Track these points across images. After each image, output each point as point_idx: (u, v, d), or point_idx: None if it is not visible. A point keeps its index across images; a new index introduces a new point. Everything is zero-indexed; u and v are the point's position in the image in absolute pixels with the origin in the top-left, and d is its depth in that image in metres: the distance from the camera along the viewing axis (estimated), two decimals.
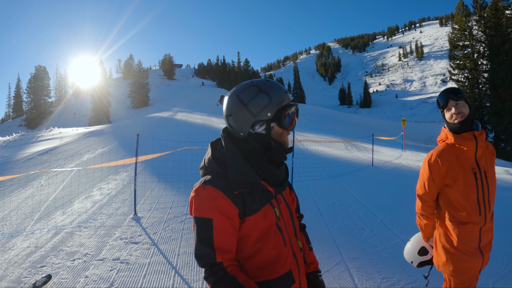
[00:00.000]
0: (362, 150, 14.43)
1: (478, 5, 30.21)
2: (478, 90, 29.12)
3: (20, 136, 20.17)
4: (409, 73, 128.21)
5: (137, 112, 61.98)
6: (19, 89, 75.19)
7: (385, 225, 4.97)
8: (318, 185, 7.77)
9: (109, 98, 62.53)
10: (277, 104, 1.30)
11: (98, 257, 4.10)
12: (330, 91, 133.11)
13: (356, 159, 12.09)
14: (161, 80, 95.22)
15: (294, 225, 1.43)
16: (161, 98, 74.73)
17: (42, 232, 5.18)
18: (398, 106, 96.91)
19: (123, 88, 76.88)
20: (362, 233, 4.69)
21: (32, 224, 5.69)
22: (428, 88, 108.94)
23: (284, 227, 1.35)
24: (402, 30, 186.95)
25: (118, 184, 8.23)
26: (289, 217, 1.40)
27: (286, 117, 1.32)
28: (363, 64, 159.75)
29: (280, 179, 1.36)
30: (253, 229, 1.26)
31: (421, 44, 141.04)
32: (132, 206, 6.12)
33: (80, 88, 78.86)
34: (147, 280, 3.51)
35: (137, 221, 5.54)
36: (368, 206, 5.96)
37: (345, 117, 43.34)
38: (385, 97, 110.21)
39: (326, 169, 9.67)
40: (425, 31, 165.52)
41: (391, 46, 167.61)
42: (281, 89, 1.33)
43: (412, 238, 2.44)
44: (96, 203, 6.68)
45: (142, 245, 4.50)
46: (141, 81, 72.80)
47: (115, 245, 4.52)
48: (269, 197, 1.32)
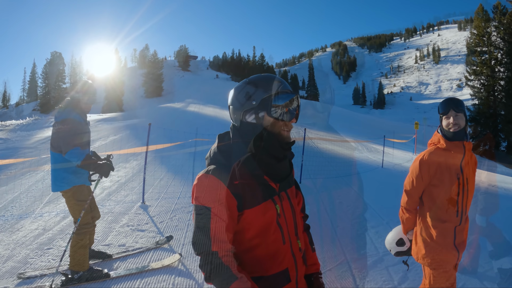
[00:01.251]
0: (372, 151, 14.33)
1: (498, 11, 29.68)
2: (493, 97, 28.61)
3: (33, 120, 20.52)
4: (424, 76, 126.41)
5: (150, 102, 62.43)
6: (34, 74, 76.02)
7: (390, 228, 4.88)
8: (326, 183, 7.77)
9: (122, 87, 63.02)
10: (263, 92, 1.31)
11: (104, 242, 4.19)
12: (344, 90, 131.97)
13: (366, 160, 12.02)
14: (176, 71, 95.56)
15: (296, 224, 1.41)
16: (174, 89, 75.00)
17: (50, 215, 5.29)
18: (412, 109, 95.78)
19: (137, 78, 77.39)
20: (367, 235, 4.68)
21: (41, 207, 5.81)
22: (443, 93, 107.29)
23: (285, 225, 1.34)
24: (420, 32, 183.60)
25: (127, 172, 8.34)
26: (291, 216, 1.38)
27: (275, 106, 1.30)
28: (379, 65, 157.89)
29: (281, 174, 1.35)
30: (252, 223, 1.27)
31: (438, 48, 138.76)
32: (140, 194, 6.21)
33: (94, 75, 79.70)
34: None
35: (145, 209, 5.63)
36: (374, 208, 5.92)
37: (357, 117, 43.03)
38: (399, 99, 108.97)
39: (335, 168, 9.64)
40: (443, 34, 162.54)
41: (408, 48, 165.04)
42: (271, 79, 1.34)
43: (394, 229, 2.67)
44: (105, 190, 6.79)
45: (148, 233, 4.57)
46: (156, 71, 73.01)
47: (121, 231, 4.60)
48: (272, 193, 1.31)
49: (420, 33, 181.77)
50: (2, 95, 79.51)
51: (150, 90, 71.73)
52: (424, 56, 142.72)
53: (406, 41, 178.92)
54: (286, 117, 1.32)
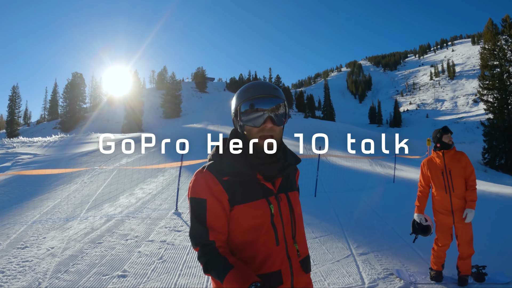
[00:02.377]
0: (385, 168, 14.73)
1: (507, 24, 29.74)
2: (507, 111, 28.49)
3: (60, 138, 21.68)
4: (440, 92, 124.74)
5: (169, 122, 63.67)
6: (56, 94, 78.31)
7: (394, 231, 5.57)
8: (339, 196, 8.38)
9: (142, 107, 64.55)
10: (237, 101, 1.41)
11: (148, 239, 4.96)
12: (360, 109, 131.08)
13: (379, 175, 12.49)
14: (193, 92, 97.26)
15: (295, 228, 1.41)
16: (192, 110, 76.37)
17: (95, 218, 6.09)
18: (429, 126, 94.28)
19: (156, 98, 79.08)
20: (372, 236, 5.33)
21: (84, 212, 6.61)
22: (460, 108, 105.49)
23: (281, 226, 1.35)
24: (434, 48, 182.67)
25: (157, 186, 9.11)
26: (289, 218, 1.39)
27: (244, 114, 1.37)
28: (394, 83, 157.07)
29: (270, 174, 1.37)
30: (241, 218, 1.32)
31: (453, 63, 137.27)
32: (173, 204, 6.97)
33: (114, 96, 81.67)
34: (190, 256, 4.33)
35: (178, 215, 6.36)
36: (382, 216, 6.54)
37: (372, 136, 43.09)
38: (415, 116, 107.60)
39: (348, 183, 10.23)
40: (457, 49, 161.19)
41: (423, 64, 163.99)
42: (245, 87, 1.42)
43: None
44: (140, 199, 7.59)
45: (184, 233, 5.31)
46: (174, 92, 74.62)
47: (161, 231, 5.36)
48: (267, 193, 1.35)
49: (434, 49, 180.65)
50: (23, 113, 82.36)
51: (169, 110, 73.14)
52: (439, 72, 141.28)
53: (420, 58, 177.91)
54: (255, 123, 1.35)
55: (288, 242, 1.36)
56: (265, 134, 1.34)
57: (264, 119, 1.33)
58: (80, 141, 20.54)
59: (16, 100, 68.42)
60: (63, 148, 17.62)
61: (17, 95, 69.02)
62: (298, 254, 1.39)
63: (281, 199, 1.38)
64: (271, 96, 1.36)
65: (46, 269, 3.92)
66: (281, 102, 1.38)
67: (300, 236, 1.44)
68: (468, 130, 76.16)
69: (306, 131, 34.22)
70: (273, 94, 1.37)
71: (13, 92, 68.99)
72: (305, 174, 9.42)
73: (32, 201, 7.62)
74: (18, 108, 68.67)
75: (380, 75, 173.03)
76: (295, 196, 1.48)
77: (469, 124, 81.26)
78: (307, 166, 9.88)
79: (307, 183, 8.57)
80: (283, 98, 1.40)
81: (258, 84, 1.40)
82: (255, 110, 1.34)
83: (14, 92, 69.07)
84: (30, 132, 64.53)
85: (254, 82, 1.41)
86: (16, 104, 68.08)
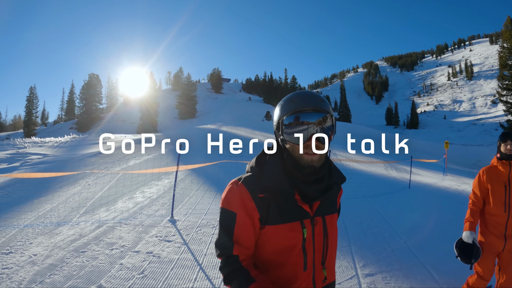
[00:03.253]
0: (401, 172, 14.13)
1: None
2: None
3: (71, 139, 21.80)
4: (458, 93, 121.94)
5: (184, 123, 64.17)
6: (72, 95, 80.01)
7: (407, 246, 4.99)
8: (350, 204, 7.81)
9: (157, 108, 65.24)
10: (280, 113, 1.30)
11: (134, 249, 4.59)
12: (377, 111, 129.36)
13: (394, 180, 11.90)
14: (209, 93, 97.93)
15: (326, 253, 1.34)
16: (208, 111, 76.80)
17: (86, 224, 5.79)
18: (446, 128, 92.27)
19: (171, 99, 79.95)
20: (382, 252, 4.75)
21: (77, 217, 6.35)
22: (478, 109, 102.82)
23: (312, 251, 1.29)
24: (451, 48, 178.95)
25: (159, 189, 8.80)
26: (322, 243, 1.32)
27: (288, 128, 1.27)
28: (411, 84, 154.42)
29: (310, 196, 1.28)
30: (272, 239, 1.26)
31: (470, 63, 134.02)
32: (170, 210, 6.60)
33: (129, 97, 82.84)
34: (174, 272, 3.90)
35: (173, 223, 5.99)
36: (395, 228, 5.95)
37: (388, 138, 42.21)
38: (432, 118, 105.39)
39: (361, 189, 9.65)
40: (475, 49, 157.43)
41: (440, 65, 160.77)
42: (289, 99, 1.30)
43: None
44: (137, 204, 7.27)
45: (174, 244, 4.91)
46: (189, 93, 75.32)
47: (150, 241, 4.98)
48: (303, 215, 1.27)
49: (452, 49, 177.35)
50: (41, 113, 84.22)
51: (184, 111, 73.82)
52: (456, 73, 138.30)
53: (437, 58, 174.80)
54: (298, 140, 1.24)
55: (317, 268, 1.30)
56: (309, 153, 1.24)
57: (309, 137, 1.23)
58: (91, 142, 20.63)
59: (34, 101, 70.07)
60: (73, 149, 17.70)
61: (34, 95, 70.69)
62: (324, 280, 1.33)
63: (317, 223, 1.30)
64: (318, 110, 1.25)
65: (22, 278, 3.71)
66: (328, 115, 1.27)
67: (330, 261, 1.38)
68: (487, 132, 74.18)
69: None
70: (320, 107, 1.25)
71: (30, 93, 70.69)
72: None
73: (31, 203, 7.46)
74: (36, 108, 70.29)
75: (396, 75, 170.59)
76: (333, 220, 1.39)
77: (487, 126, 79.22)
78: None
79: None
80: (330, 111, 1.29)
81: (302, 94, 1.29)
82: (300, 123, 1.24)
83: (32, 93, 70.75)
84: (47, 132, 65.85)
85: (299, 92, 1.31)
86: (33, 105, 69.69)
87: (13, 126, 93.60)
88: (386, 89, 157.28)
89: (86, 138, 22.92)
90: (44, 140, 21.60)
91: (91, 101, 70.87)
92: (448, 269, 4.03)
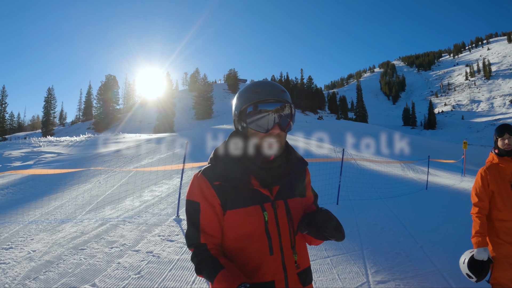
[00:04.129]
0: (418, 172, 13.65)
1: None
2: None
3: (87, 138, 22.02)
4: (476, 93, 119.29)
5: (200, 124, 64.56)
6: (90, 95, 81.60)
7: (424, 251, 4.63)
8: (364, 205, 7.45)
9: (174, 108, 65.82)
10: (242, 102, 1.33)
11: (134, 248, 4.43)
12: (394, 111, 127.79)
13: (410, 181, 11.44)
14: (225, 94, 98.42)
15: (293, 237, 1.33)
16: (224, 111, 77.13)
17: (90, 222, 5.70)
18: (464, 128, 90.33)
19: (188, 100, 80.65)
20: (396, 258, 4.40)
21: (82, 214, 6.28)
22: (496, 109, 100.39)
23: (277, 235, 1.28)
24: (469, 47, 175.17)
25: (169, 188, 8.67)
26: (287, 227, 1.31)
27: (250, 117, 1.30)
28: (428, 83, 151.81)
29: (268, 181, 1.31)
30: (232, 224, 1.27)
31: (488, 62, 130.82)
32: (176, 209, 6.41)
33: (147, 97, 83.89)
34: (171, 274, 3.72)
35: (178, 222, 5.82)
36: (411, 231, 5.58)
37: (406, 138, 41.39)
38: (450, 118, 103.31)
39: (376, 189, 9.26)
40: (492, 48, 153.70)
41: (458, 64, 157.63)
42: (250, 88, 1.34)
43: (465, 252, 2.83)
44: (144, 203, 7.15)
45: (176, 244, 4.73)
46: (206, 94, 75.85)
47: (152, 240, 4.81)
48: (262, 199, 1.29)
49: (469, 48, 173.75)
50: (59, 114, 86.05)
51: (200, 112, 74.39)
52: (474, 72, 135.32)
53: (455, 58, 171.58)
54: (261, 128, 1.28)
55: (286, 252, 1.28)
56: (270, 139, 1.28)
57: (272, 125, 1.28)
58: (107, 141, 20.77)
59: (52, 102, 71.62)
60: (87, 148, 17.81)
61: (52, 96, 72.24)
62: (297, 266, 1.31)
63: (278, 206, 1.30)
64: (280, 101, 1.30)
65: (17, 274, 3.66)
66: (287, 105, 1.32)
67: (301, 246, 1.36)
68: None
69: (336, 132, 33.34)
70: (281, 97, 1.31)
71: (48, 94, 72.30)
72: (330, 178, 8.70)
73: (41, 200, 7.49)
74: (53, 109, 71.85)
75: (414, 75, 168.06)
76: (296, 203, 1.37)
77: None
78: (333, 170, 9.00)
79: (331, 189, 7.83)
80: (290, 101, 1.34)
81: (265, 85, 1.34)
82: (263, 111, 1.28)
83: (50, 94, 72.36)
84: (64, 132, 67.19)
85: (261, 83, 1.35)
86: (51, 105, 71.23)
87: (32, 126, 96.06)
88: (403, 89, 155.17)
89: (100, 138, 23.11)
90: (59, 139, 21.86)
91: (109, 102, 72.02)
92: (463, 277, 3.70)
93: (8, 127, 73.44)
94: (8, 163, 12.93)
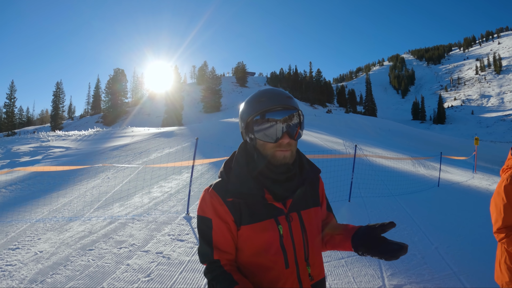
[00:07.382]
0: (429, 169, 13.41)
1: None
2: None
3: (95, 132, 22.06)
4: (486, 87, 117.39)
5: (208, 117, 64.67)
6: (98, 89, 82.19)
7: (439, 253, 4.47)
8: (377, 202, 7.29)
9: (182, 102, 66.01)
10: (248, 113, 1.28)
11: (143, 249, 4.33)
12: (403, 105, 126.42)
13: (422, 178, 11.23)
14: (234, 87, 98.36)
15: (308, 249, 1.30)
16: (232, 104, 77.15)
17: (98, 220, 5.63)
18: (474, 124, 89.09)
19: (196, 93, 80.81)
20: (411, 260, 4.25)
21: (91, 212, 6.21)
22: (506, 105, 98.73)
23: (292, 248, 1.26)
24: (479, 41, 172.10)
25: (179, 184, 8.58)
26: (301, 239, 1.28)
27: (258, 127, 1.25)
28: (438, 77, 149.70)
29: (282, 195, 1.27)
30: (248, 240, 1.25)
31: (499, 57, 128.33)
32: (186, 206, 6.31)
33: (155, 91, 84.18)
34: (182, 276, 3.61)
35: (188, 220, 5.72)
36: (425, 231, 5.42)
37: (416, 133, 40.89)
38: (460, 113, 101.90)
39: (388, 186, 9.07)
40: (503, 42, 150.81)
41: (468, 58, 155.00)
42: (256, 98, 1.28)
43: None
44: (153, 200, 7.07)
45: (186, 243, 4.63)
46: (214, 87, 75.97)
47: (161, 239, 4.71)
48: (276, 213, 1.26)
49: (479, 41, 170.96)
50: (68, 107, 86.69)
51: (209, 105, 74.66)
52: (484, 66, 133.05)
53: (465, 51, 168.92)
54: (270, 138, 1.23)
55: (300, 265, 1.27)
56: (281, 150, 1.24)
57: (281, 134, 1.23)
58: (115, 135, 20.78)
59: (60, 96, 72.28)
60: (96, 142, 17.83)
61: (61, 90, 72.88)
62: (311, 278, 1.29)
63: (292, 219, 1.28)
64: (287, 108, 1.25)
65: (24, 277, 3.58)
66: (295, 112, 1.27)
67: (315, 258, 1.32)
68: None
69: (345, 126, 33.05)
70: (288, 104, 1.26)
71: (57, 88, 72.93)
72: (341, 175, 8.54)
73: (49, 197, 7.48)
74: (62, 103, 72.54)
75: (423, 69, 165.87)
76: (310, 214, 1.33)
77: None
78: (345, 166, 8.86)
79: (342, 186, 7.70)
80: (297, 107, 1.29)
81: (270, 93, 1.28)
82: (270, 121, 1.23)
83: (58, 88, 72.98)
84: (73, 126, 67.78)
85: (265, 91, 1.30)
86: (60, 99, 71.88)
87: (41, 120, 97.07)
88: (413, 82, 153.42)
89: (109, 132, 23.12)
90: (68, 134, 21.94)
91: (117, 96, 72.45)
92: (485, 281, 3.53)
93: (17, 121, 74.31)
94: (16, 158, 12.98)
